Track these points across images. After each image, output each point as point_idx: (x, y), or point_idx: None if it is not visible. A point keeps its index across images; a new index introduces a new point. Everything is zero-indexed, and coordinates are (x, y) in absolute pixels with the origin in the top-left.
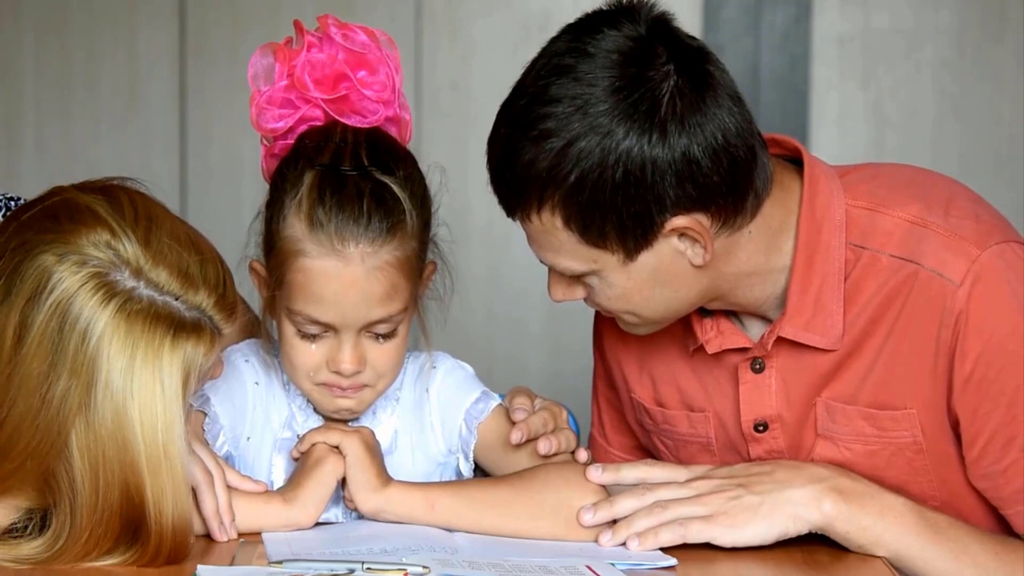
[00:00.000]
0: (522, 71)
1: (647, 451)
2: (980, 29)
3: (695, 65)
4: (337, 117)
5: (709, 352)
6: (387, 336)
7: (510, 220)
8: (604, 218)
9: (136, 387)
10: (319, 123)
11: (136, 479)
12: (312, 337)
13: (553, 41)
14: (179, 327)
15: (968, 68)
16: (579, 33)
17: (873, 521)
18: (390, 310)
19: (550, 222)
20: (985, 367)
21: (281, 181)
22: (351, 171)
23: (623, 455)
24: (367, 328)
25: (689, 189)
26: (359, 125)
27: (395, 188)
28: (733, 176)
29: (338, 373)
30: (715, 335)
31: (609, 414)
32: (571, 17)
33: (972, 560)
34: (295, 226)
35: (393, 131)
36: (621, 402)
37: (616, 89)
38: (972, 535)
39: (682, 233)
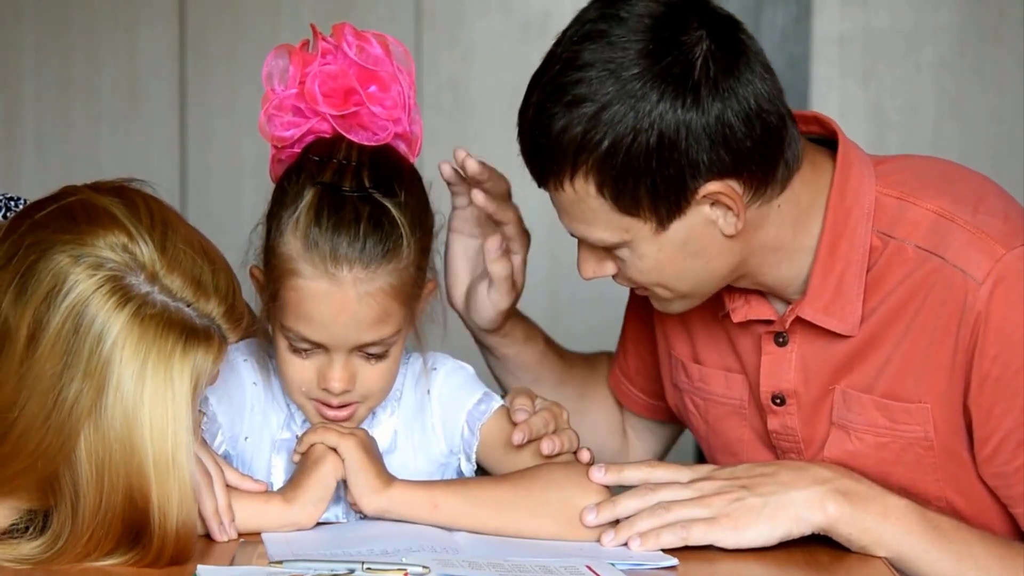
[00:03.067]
0: (553, 42)
1: (667, 405)
2: (980, 29)
3: (728, 33)
4: (344, 133)
5: (734, 320)
6: (379, 357)
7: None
8: (637, 184)
9: (147, 392)
10: (327, 135)
11: (141, 483)
12: (304, 352)
13: (584, 10)
14: (191, 334)
15: (968, 68)
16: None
17: (876, 522)
18: (381, 334)
19: (583, 189)
20: (1002, 368)
21: (281, 195)
22: (351, 192)
23: (646, 397)
24: (358, 348)
25: (722, 154)
26: (366, 142)
27: (394, 212)
28: (765, 142)
29: (327, 391)
30: (742, 304)
31: (637, 357)
32: (571, 17)
33: (975, 562)
34: (291, 244)
35: (402, 147)
36: (654, 356)
37: (648, 53)
38: (975, 537)
39: (715, 200)
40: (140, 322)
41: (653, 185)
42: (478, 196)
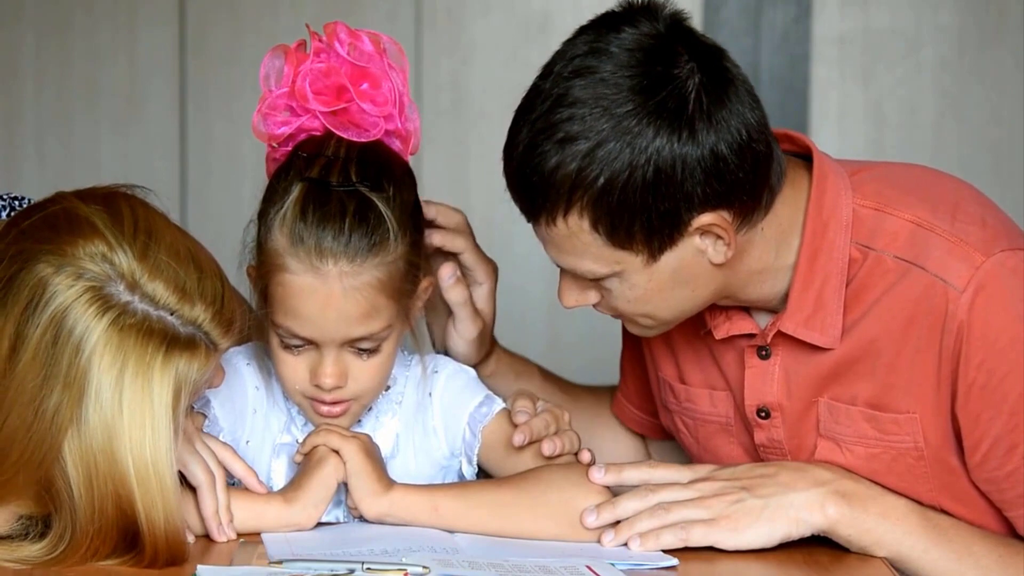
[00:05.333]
0: (537, 73)
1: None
2: (980, 30)
3: (715, 63)
4: (334, 130)
5: (717, 337)
6: (370, 352)
7: (510, 219)
8: (632, 219)
9: (125, 402)
10: (318, 133)
11: (127, 492)
12: (296, 349)
13: (570, 42)
14: (172, 342)
15: (968, 68)
16: (597, 32)
17: (876, 523)
18: (370, 329)
19: (577, 225)
20: (987, 375)
21: (271, 192)
22: (338, 187)
23: (646, 416)
24: (349, 344)
25: (716, 186)
26: (357, 139)
27: (381, 206)
28: (755, 171)
29: (319, 387)
30: (723, 320)
31: (634, 378)
32: (571, 17)
33: (975, 561)
34: (278, 240)
35: (396, 144)
36: (648, 375)
37: (642, 89)
38: (975, 536)
39: (705, 231)
40: (119, 331)
41: (648, 220)
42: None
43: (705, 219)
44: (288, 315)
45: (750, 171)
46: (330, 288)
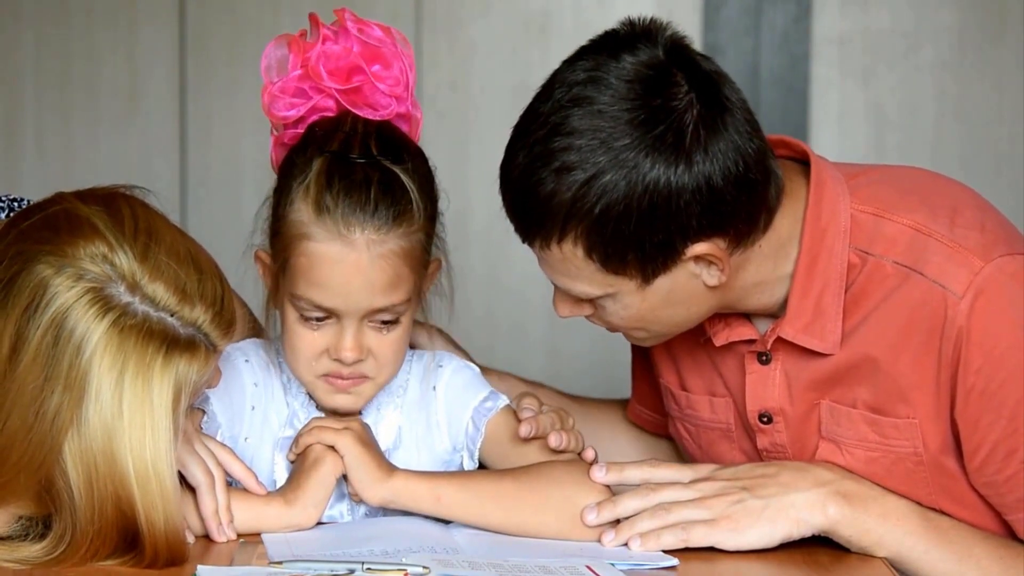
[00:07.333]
0: (535, 94)
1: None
2: (980, 29)
3: (713, 90)
4: (349, 108)
5: (716, 344)
6: (389, 326)
7: (510, 222)
8: (626, 248)
9: (125, 403)
10: (331, 113)
11: (127, 493)
12: (314, 323)
13: (569, 65)
14: (172, 344)
15: (968, 68)
16: (596, 59)
17: (876, 524)
18: (393, 299)
19: (571, 252)
20: (986, 380)
21: (290, 167)
22: (360, 159)
23: (661, 417)
24: (369, 316)
25: (711, 216)
26: (370, 117)
27: (404, 178)
28: (751, 199)
29: (339, 361)
30: (723, 327)
31: (646, 382)
32: (571, 17)
33: (976, 563)
34: (302, 211)
35: (404, 128)
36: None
37: (641, 122)
38: (976, 538)
39: (699, 258)
40: (119, 332)
41: (642, 249)
42: None
43: (700, 248)
44: (312, 285)
45: (746, 201)
46: (358, 256)
